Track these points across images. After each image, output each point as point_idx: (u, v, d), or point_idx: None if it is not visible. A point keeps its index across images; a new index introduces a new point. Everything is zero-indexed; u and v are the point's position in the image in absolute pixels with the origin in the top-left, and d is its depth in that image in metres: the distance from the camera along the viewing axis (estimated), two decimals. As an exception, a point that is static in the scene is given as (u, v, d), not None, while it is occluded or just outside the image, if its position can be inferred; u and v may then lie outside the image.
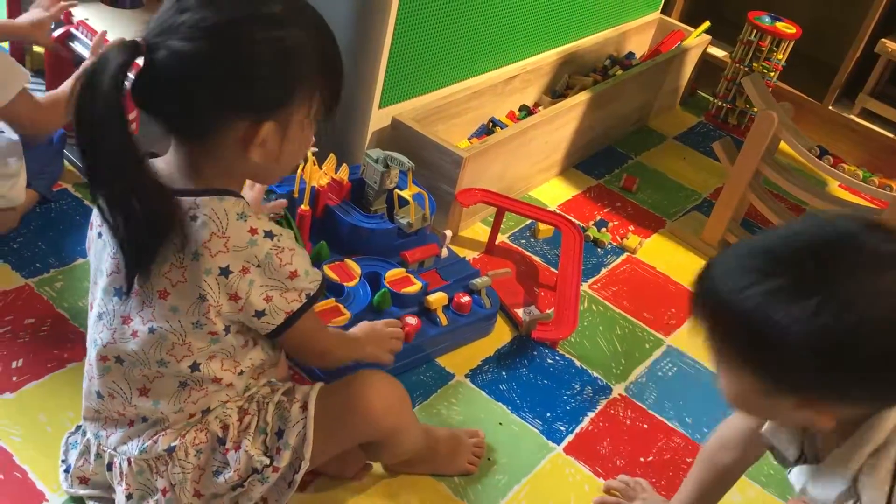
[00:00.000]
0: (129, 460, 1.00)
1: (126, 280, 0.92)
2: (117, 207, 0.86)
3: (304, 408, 1.02)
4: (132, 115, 1.51)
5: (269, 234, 0.91)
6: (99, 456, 1.03)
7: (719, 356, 0.84)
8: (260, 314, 0.93)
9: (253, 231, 0.91)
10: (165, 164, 0.93)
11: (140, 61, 0.85)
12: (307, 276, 0.95)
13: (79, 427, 1.10)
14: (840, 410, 0.82)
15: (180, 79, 0.84)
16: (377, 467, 1.22)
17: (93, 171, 0.85)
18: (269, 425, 1.01)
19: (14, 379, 1.22)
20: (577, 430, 1.37)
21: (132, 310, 0.94)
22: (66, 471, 1.08)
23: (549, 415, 1.38)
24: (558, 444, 1.34)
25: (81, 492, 1.07)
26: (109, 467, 1.02)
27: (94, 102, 0.81)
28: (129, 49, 0.83)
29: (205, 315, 0.92)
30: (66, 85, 1.42)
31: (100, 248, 0.96)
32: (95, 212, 0.97)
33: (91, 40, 1.59)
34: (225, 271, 0.90)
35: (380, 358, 1.18)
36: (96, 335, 0.98)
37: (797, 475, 0.96)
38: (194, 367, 0.95)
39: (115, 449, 1.01)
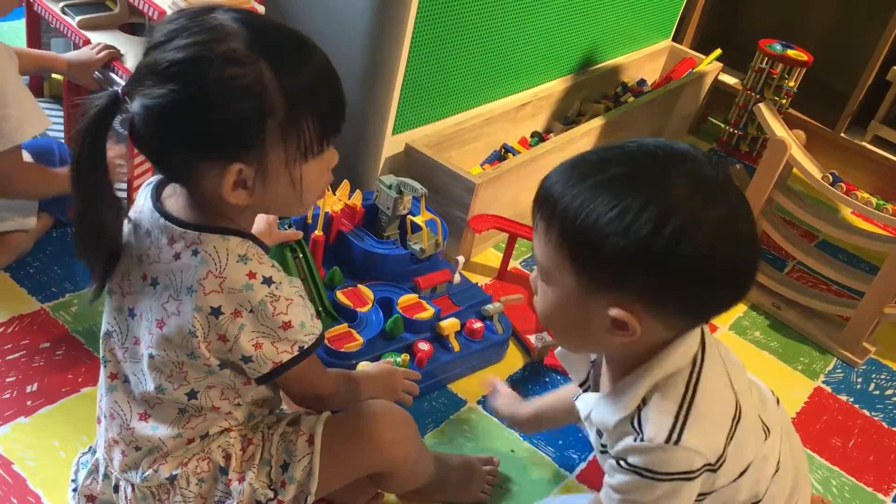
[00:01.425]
0: (132, 486, 1.00)
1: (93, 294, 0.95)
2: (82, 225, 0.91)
3: (311, 441, 1.00)
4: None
5: (267, 281, 0.89)
6: (107, 476, 1.03)
7: (545, 256, 0.86)
8: (247, 360, 0.91)
9: (251, 275, 0.88)
10: (177, 197, 0.93)
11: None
12: (303, 329, 0.92)
13: (91, 448, 1.10)
14: (650, 323, 0.84)
15: (148, 124, 0.84)
16: (388, 496, 1.21)
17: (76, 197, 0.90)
18: (274, 457, 1.00)
19: (29, 403, 1.23)
20: (590, 457, 1.36)
21: (140, 333, 0.95)
22: (75, 490, 1.08)
23: (561, 442, 1.38)
24: (571, 472, 1.33)
25: None
26: (116, 489, 1.02)
27: (77, 139, 0.85)
28: (109, 97, 0.85)
29: (196, 349, 0.91)
30: (64, 170, 1.43)
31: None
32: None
33: (110, 68, 1.62)
34: (216, 311, 0.88)
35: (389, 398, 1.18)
36: (108, 352, 0.99)
37: (583, 402, 0.99)
38: (191, 394, 0.95)
39: (119, 473, 1.01)
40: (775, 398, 1.08)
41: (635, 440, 0.89)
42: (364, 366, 1.27)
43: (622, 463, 0.90)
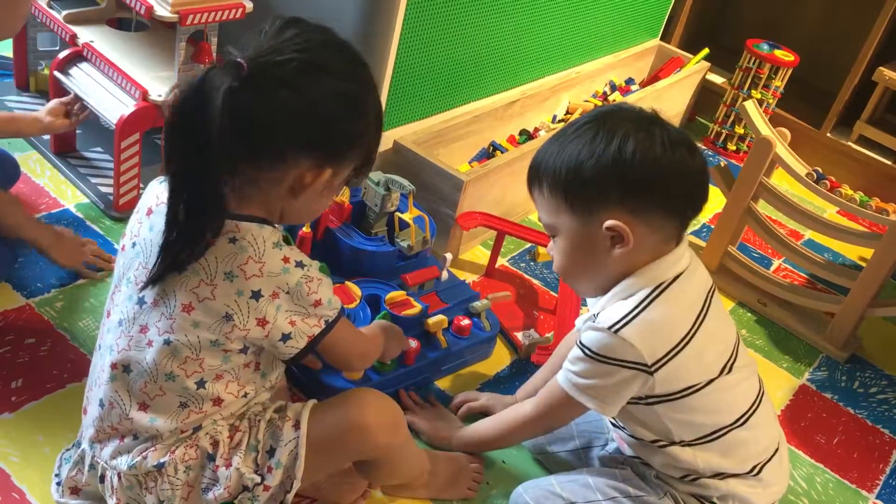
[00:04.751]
0: (119, 475, 1.00)
1: (147, 278, 0.94)
2: (185, 211, 0.91)
3: (297, 426, 1.02)
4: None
5: (300, 265, 0.95)
6: (92, 467, 1.03)
7: (547, 212, 1.07)
8: (286, 338, 0.96)
9: (286, 260, 0.94)
10: None
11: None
12: (329, 304, 0.99)
13: (75, 443, 1.10)
14: (640, 229, 1.02)
15: (271, 107, 0.89)
16: (375, 493, 1.21)
17: (173, 164, 0.90)
18: (261, 443, 1.01)
19: (13, 399, 1.22)
20: (577, 454, 1.37)
21: (150, 320, 0.95)
22: (59, 483, 1.08)
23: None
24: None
25: (72, 502, 1.07)
26: (102, 479, 1.02)
27: (203, 114, 0.86)
28: (235, 69, 0.88)
29: (226, 335, 0.94)
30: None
31: (131, 257, 0.98)
32: (132, 220, 1.01)
33: (96, 63, 1.61)
34: (256, 295, 0.93)
35: (393, 354, 1.29)
36: (113, 341, 0.99)
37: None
38: (200, 384, 0.96)
39: (107, 462, 1.01)
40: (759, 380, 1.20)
41: (589, 321, 1.08)
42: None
43: (577, 342, 1.09)
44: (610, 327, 1.04)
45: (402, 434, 1.10)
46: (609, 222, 1.02)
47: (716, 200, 2.20)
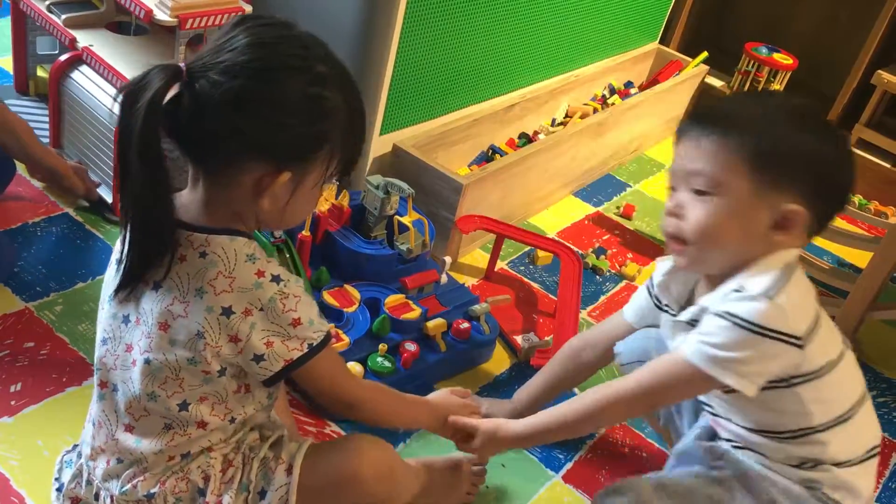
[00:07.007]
0: (112, 497, 0.99)
1: (114, 289, 0.93)
2: (128, 220, 0.89)
3: (289, 471, 0.98)
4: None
5: (276, 279, 0.90)
6: (90, 483, 1.02)
7: (717, 163, 1.00)
8: (259, 359, 0.91)
9: (260, 273, 0.90)
10: (183, 196, 0.93)
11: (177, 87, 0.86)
12: (311, 326, 0.92)
13: (75, 446, 1.09)
14: (808, 227, 1.01)
15: (213, 111, 0.85)
16: None
17: (121, 180, 0.88)
18: (253, 483, 0.98)
19: (12, 403, 1.22)
20: (576, 458, 1.37)
21: (133, 338, 0.94)
22: (59, 489, 1.07)
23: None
24: (557, 473, 1.34)
25: None
26: (97, 497, 1.01)
27: (132, 118, 0.83)
28: (171, 73, 0.85)
29: (200, 353, 0.90)
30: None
31: (114, 273, 0.96)
32: (119, 239, 0.97)
33: (96, 67, 1.61)
34: (227, 311, 0.89)
35: (439, 433, 1.18)
36: (99, 360, 0.98)
37: (666, 327, 1.12)
38: (183, 405, 0.94)
39: (100, 482, 1.00)
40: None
41: (736, 292, 1.00)
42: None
43: (716, 314, 1.00)
44: (764, 293, 0.98)
45: (399, 481, 1.07)
46: (791, 206, 0.99)
47: (715, 204, 2.20)
